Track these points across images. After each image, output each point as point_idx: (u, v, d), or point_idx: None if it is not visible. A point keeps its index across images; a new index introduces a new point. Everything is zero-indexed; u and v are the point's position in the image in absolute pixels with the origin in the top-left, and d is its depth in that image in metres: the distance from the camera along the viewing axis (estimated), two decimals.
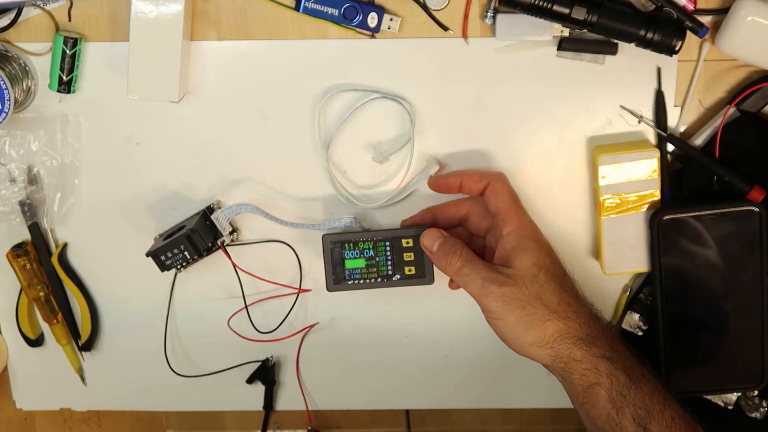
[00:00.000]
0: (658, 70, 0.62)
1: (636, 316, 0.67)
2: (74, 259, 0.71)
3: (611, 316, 0.69)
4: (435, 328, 0.71)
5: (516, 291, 0.55)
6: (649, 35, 0.58)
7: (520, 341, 0.56)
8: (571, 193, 0.66)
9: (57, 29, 0.64)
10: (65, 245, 0.70)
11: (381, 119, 0.65)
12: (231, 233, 0.68)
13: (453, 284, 0.64)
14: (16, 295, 0.72)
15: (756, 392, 0.66)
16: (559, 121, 0.65)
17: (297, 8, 0.62)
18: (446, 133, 0.65)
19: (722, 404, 0.67)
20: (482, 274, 0.57)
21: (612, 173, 0.63)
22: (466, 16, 0.62)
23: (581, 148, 0.65)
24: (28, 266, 0.70)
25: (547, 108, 0.64)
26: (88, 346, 0.73)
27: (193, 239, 0.65)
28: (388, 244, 0.63)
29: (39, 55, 0.65)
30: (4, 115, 0.62)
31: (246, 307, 0.70)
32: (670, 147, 0.64)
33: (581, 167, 0.65)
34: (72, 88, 0.65)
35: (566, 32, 0.61)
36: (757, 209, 0.61)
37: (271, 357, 0.73)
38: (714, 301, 0.64)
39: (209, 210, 0.68)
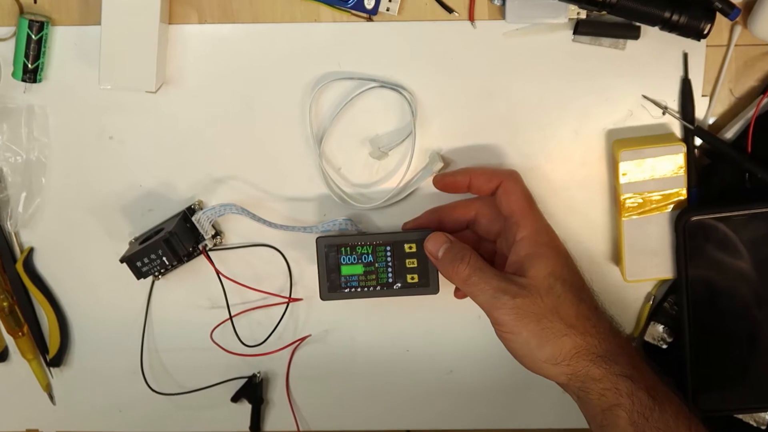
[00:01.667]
0: (685, 56, 0.62)
1: (660, 328, 0.67)
2: (41, 265, 0.71)
3: (633, 328, 0.68)
4: (439, 341, 0.71)
5: (530, 303, 0.55)
6: (675, 17, 0.57)
7: (534, 358, 0.56)
8: (589, 192, 0.66)
9: (21, 11, 0.64)
10: (31, 250, 0.70)
11: (379, 110, 0.65)
12: (214, 237, 0.67)
13: (459, 293, 0.64)
14: None
15: None
16: (575, 113, 0.64)
17: None
18: (451, 126, 0.65)
19: (754, 424, 0.66)
20: (493, 284, 0.56)
21: (634, 170, 0.63)
22: None
23: (600, 143, 0.65)
24: None
25: (563, 98, 0.64)
26: (56, 361, 0.73)
27: (172, 243, 0.64)
28: (389, 249, 0.63)
29: (1, 41, 0.64)
30: None
31: (230, 318, 0.69)
32: (698, 141, 0.63)
33: (600, 163, 0.65)
34: (38, 77, 0.64)
35: (583, 14, 0.60)
36: None
37: (258, 373, 0.72)
38: (745, 311, 0.63)
39: (190, 211, 0.67)
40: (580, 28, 0.61)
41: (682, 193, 0.63)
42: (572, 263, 0.59)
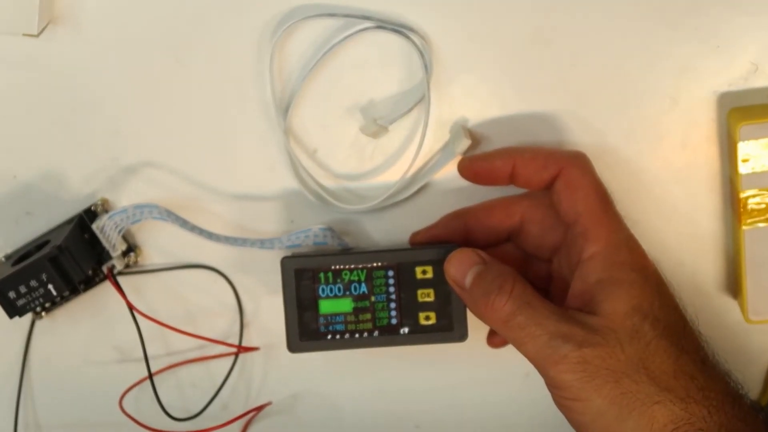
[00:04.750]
0: None
1: None
2: None
3: (760, 392, 0.69)
4: (466, 412, 0.71)
5: (605, 354, 0.54)
6: None
7: None
8: (692, 188, 0.66)
9: None
10: None
11: (375, 63, 0.65)
12: (125, 254, 0.68)
13: (497, 340, 0.65)
14: None
15: None
16: (671, 69, 0.64)
17: None
18: (484, 87, 0.65)
19: None
20: (548, 327, 0.55)
21: (759, 154, 0.62)
22: None
23: (708, 113, 0.64)
24: None
25: (653, 46, 0.63)
26: None
27: (61, 264, 0.64)
28: (391, 273, 0.62)
29: None
30: None
31: (150, 376, 0.68)
32: None
33: (708, 144, 0.65)
34: None
35: None
36: None
37: None
38: None
39: (89, 215, 0.67)
40: None
41: None
42: (667, 293, 0.58)
